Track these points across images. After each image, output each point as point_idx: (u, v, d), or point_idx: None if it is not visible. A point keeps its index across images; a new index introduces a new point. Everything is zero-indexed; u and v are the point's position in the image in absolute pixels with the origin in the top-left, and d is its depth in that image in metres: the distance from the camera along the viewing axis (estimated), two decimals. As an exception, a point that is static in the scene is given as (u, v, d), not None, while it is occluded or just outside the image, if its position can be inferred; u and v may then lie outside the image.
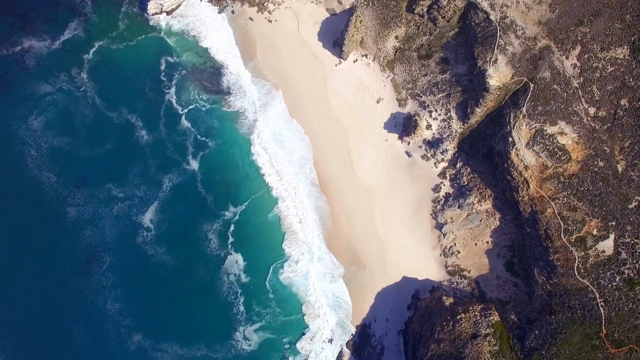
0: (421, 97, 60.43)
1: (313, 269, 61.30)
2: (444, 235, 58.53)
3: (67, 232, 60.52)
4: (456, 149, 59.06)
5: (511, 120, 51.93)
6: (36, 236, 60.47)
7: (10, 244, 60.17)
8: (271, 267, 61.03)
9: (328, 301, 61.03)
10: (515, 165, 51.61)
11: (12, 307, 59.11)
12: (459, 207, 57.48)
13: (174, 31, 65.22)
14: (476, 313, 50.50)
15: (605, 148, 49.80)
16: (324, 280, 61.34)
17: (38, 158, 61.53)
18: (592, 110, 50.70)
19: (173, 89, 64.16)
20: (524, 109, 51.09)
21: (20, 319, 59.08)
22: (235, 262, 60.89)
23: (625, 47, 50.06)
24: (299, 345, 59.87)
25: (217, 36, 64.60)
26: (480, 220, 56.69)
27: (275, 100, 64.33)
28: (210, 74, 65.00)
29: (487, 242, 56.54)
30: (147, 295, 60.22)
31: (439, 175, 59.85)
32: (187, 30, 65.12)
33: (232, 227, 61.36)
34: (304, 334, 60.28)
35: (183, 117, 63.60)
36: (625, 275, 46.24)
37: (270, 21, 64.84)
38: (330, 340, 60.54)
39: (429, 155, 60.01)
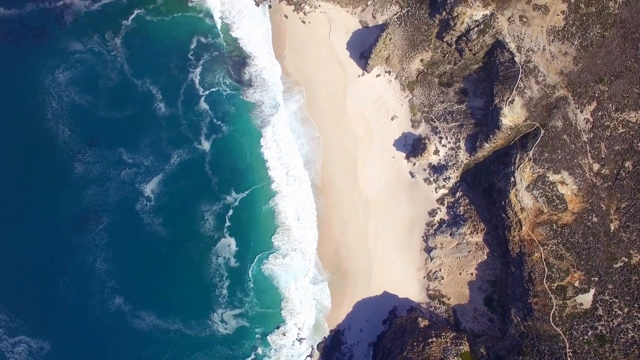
0: (434, 122, 61.84)
1: (299, 267, 62.60)
2: (431, 259, 59.76)
3: (71, 186, 62.04)
4: (458, 179, 60.35)
5: (516, 161, 53.19)
6: (40, 185, 62.02)
7: (14, 188, 61.79)
8: (257, 256, 62.27)
9: (308, 301, 62.14)
10: (512, 205, 52.84)
11: (4, 249, 60.71)
12: (450, 235, 58.72)
13: (210, 14, 67.07)
14: (448, 340, 51.57)
15: (602, 205, 50.93)
16: (307, 280, 62.58)
17: (57, 110, 63.38)
18: (596, 167, 51.88)
19: (199, 69, 65.83)
20: (530, 153, 52.35)
21: (11, 261, 60.60)
22: (228, 245, 62.33)
23: (640, 112, 51.34)
24: (269, 338, 61.00)
25: (249, 27, 66.29)
26: (469, 252, 57.89)
27: (295, 97, 65.80)
28: (235, 62, 66.64)
29: (472, 274, 57.69)
30: (136, 262, 61.61)
31: (437, 200, 61.14)
32: (222, 16, 66.92)
33: (230, 212, 62.76)
34: (278, 327, 61.56)
35: (202, 99, 65.21)
36: (598, 331, 47.24)
37: (304, 22, 66.55)
38: (302, 339, 61.69)
39: (431, 179, 61.34)
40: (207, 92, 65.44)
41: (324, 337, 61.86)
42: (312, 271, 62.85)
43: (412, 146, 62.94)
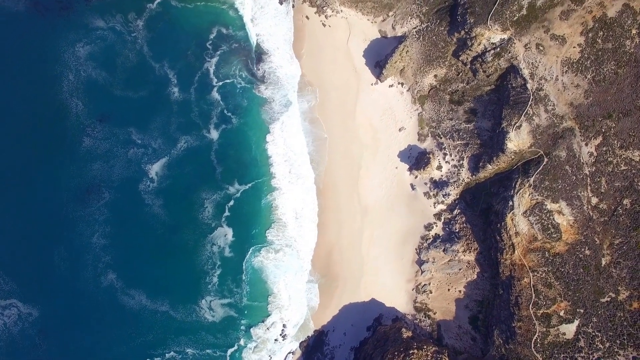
0: (441, 138, 62.54)
1: (291, 264, 63.34)
2: (422, 272, 60.41)
3: (77, 159, 62.97)
4: (458, 196, 61.00)
5: (516, 186, 53.81)
6: (47, 154, 62.95)
7: (20, 154, 62.63)
8: (251, 249, 63.07)
9: (296, 298, 62.93)
10: (508, 229, 53.43)
11: (4, 213, 61.69)
12: (443, 251, 59.36)
13: (234, 7, 67.99)
14: (428, 353, 52.14)
15: (596, 239, 51.45)
16: (298, 278, 63.29)
17: (73, 83, 64.46)
18: (594, 200, 52.40)
19: (215, 59, 66.67)
20: (531, 179, 52.97)
21: (10, 226, 61.59)
22: (224, 235, 63.16)
23: (644, 151, 51.77)
24: (253, 331, 61.75)
25: (270, 24, 67.14)
26: (460, 269, 58.50)
27: (307, 97, 66.61)
28: (252, 57, 67.47)
29: (460, 291, 58.29)
30: (132, 240, 62.52)
31: (434, 215, 61.78)
32: (245, 10, 67.68)
33: (231, 202, 63.60)
34: (263, 321, 62.31)
35: (216, 89, 66.08)
36: (577, 363, 47.85)
37: (324, 25, 67.42)
38: (285, 336, 62.38)
39: (431, 194, 62.00)
40: (221, 83, 66.34)
41: (308, 336, 62.55)
42: (305, 269, 63.54)
43: (416, 159, 63.64)
